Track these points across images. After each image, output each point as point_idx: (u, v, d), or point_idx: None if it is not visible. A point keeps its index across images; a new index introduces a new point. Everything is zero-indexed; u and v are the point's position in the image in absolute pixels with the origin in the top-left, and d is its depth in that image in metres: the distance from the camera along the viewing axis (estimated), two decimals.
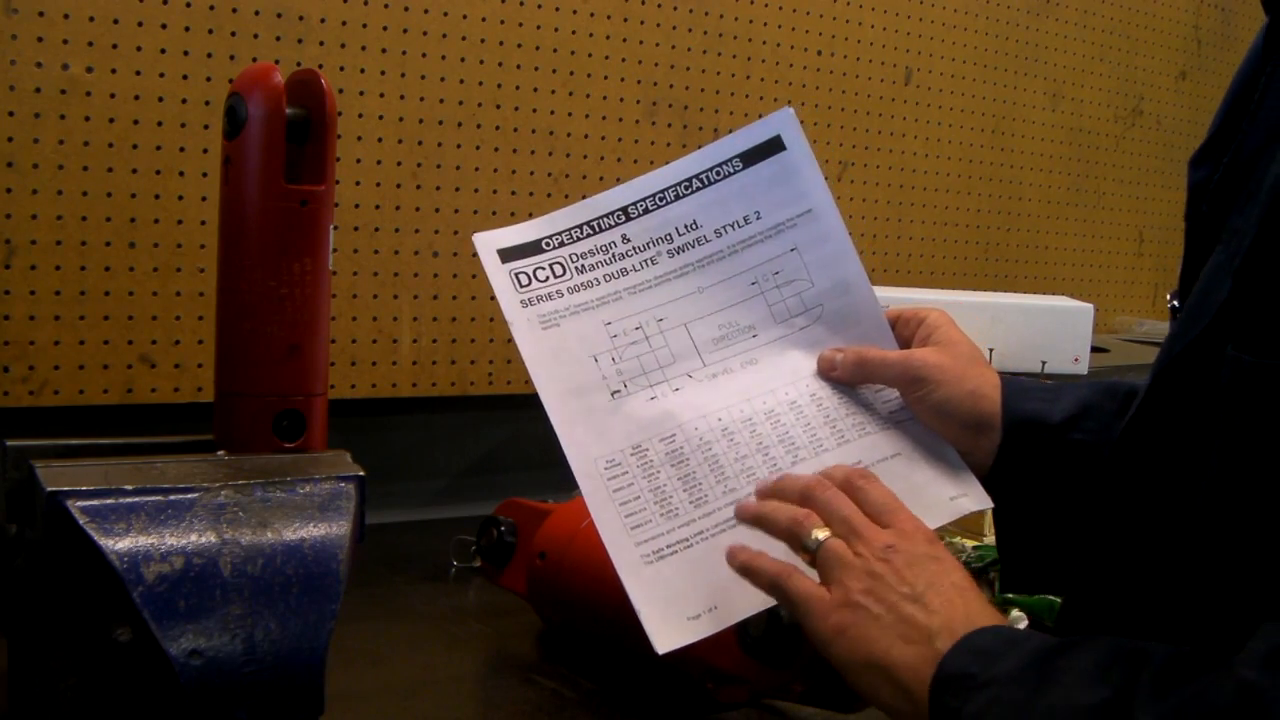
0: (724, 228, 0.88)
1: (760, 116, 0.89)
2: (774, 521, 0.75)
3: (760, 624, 0.84)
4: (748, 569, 0.75)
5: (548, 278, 0.86)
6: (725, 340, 0.87)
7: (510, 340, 0.83)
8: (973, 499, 0.84)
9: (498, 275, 0.85)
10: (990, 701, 0.62)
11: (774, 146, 0.89)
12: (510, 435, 1.54)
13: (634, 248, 0.87)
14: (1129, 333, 2.06)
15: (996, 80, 1.94)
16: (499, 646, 1.07)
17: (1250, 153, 0.69)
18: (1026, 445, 0.85)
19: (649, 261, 0.87)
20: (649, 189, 0.88)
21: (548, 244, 0.86)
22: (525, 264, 0.85)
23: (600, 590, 0.96)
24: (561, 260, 0.86)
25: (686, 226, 0.88)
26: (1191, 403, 0.67)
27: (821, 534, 0.72)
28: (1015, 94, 1.97)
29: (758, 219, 0.88)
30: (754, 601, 0.76)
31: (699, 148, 0.89)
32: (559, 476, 0.85)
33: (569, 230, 0.87)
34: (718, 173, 0.89)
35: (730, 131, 0.91)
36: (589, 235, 0.87)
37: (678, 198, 0.88)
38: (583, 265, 0.86)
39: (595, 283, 0.86)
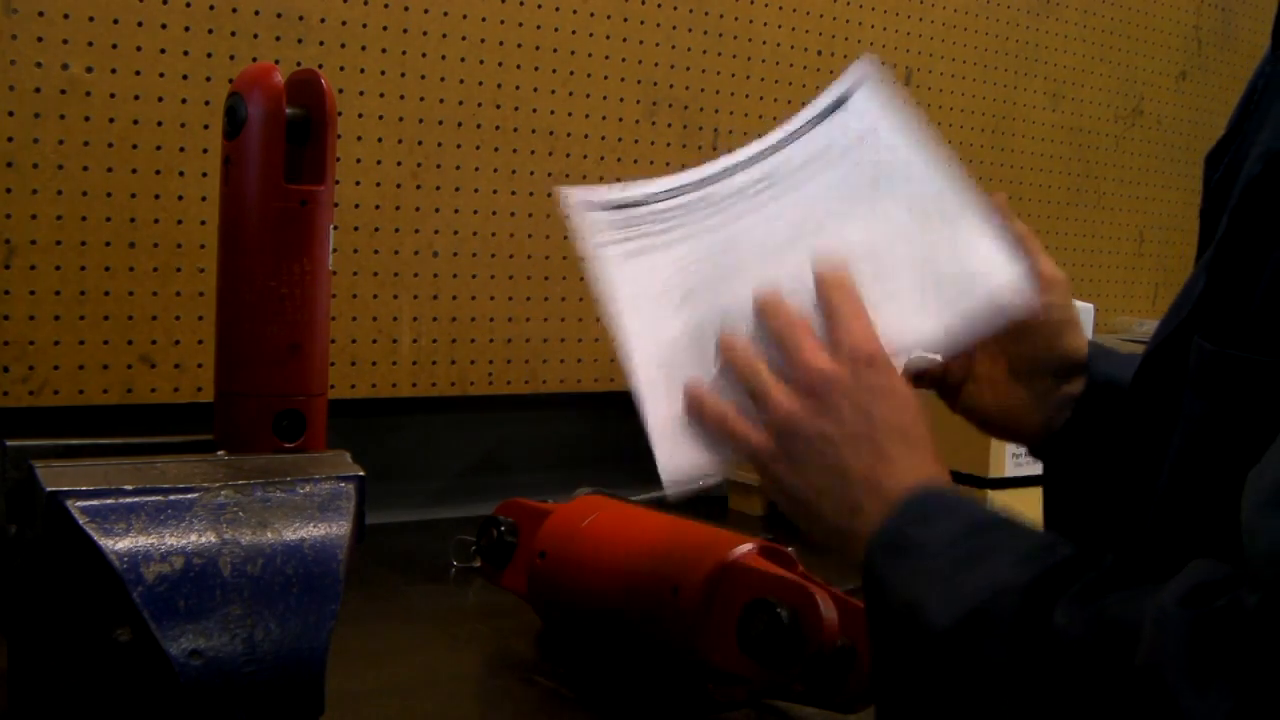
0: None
1: (760, 117, 0.90)
2: (731, 373, 0.75)
3: (761, 624, 0.84)
4: (694, 410, 0.75)
5: (639, 225, 0.85)
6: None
7: (510, 340, 0.83)
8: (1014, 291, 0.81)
9: (585, 220, 0.84)
10: (914, 570, 0.65)
11: (840, 102, 0.92)
12: (510, 435, 1.54)
13: (726, 195, 0.86)
14: (1129, 333, 2.06)
15: (996, 80, 1.94)
16: (499, 646, 1.07)
17: (1245, 155, 0.70)
18: (1103, 409, 0.84)
19: (738, 199, 0.86)
20: (742, 156, 0.88)
21: (643, 200, 0.86)
22: (615, 215, 0.85)
23: (600, 590, 0.96)
24: (654, 213, 0.85)
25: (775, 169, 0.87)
26: (1167, 391, 0.68)
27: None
28: (1015, 94, 1.97)
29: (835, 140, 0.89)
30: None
31: (699, 148, 0.89)
32: (559, 477, 0.85)
33: (664, 191, 0.86)
34: (800, 131, 0.90)
35: (730, 132, 0.91)
36: (681, 195, 0.86)
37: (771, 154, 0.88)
38: (674, 215, 0.85)
39: (684, 224, 0.85)
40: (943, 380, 0.89)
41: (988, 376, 0.88)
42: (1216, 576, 0.55)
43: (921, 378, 0.88)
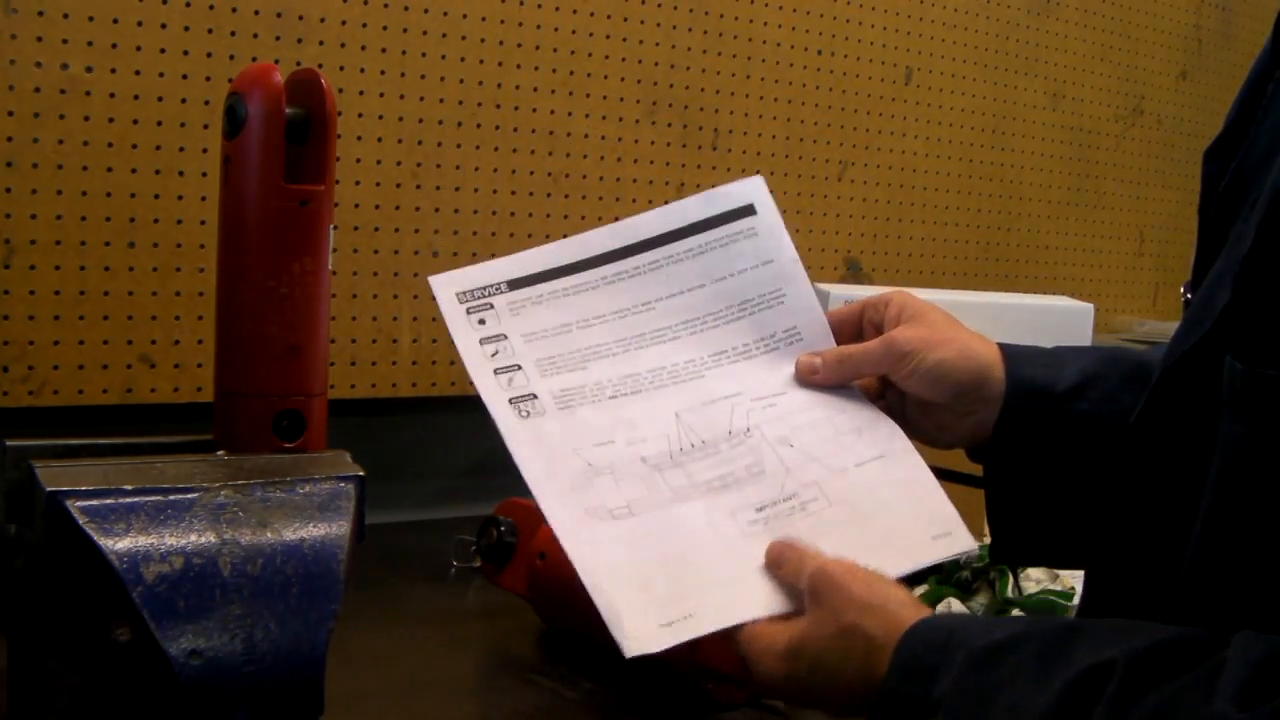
0: (688, 267, 0.91)
1: (760, 117, 0.90)
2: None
3: None
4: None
5: (501, 314, 0.87)
6: (693, 361, 0.88)
7: None
8: (958, 538, 0.83)
9: (454, 314, 0.86)
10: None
11: (746, 211, 0.93)
12: None
13: (599, 280, 0.89)
14: (1129, 333, 2.06)
15: (996, 80, 1.94)
16: (499, 647, 1.07)
17: (1256, 159, 0.69)
18: (1028, 414, 0.84)
19: (614, 292, 0.89)
20: (618, 240, 0.91)
21: (508, 286, 0.87)
22: (480, 304, 0.86)
23: None
24: (526, 298, 0.87)
25: (651, 265, 0.91)
26: (1191, 409, 0.67)
27: None
28: (1015, 94, 1.97)
29: (723, 262, 0.92)
30: (731, 612, 0.76)
31: (699, 148, 0.90)
32: None
33: (532, 275, 0.88)
34: (685, 230, 0.92)
35: (730, 132, 0.92)
36: (552, 279, 0.88)
37: (645, 248, 0.91)
38: (540, 300, 0.87)
39: (558, 309, 0.87)
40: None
41: (900, 405, 0.91)
42: (1265, 655, 0.54)
43: None
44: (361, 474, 0.77)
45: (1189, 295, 0.75)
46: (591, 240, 0.90)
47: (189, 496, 0.71)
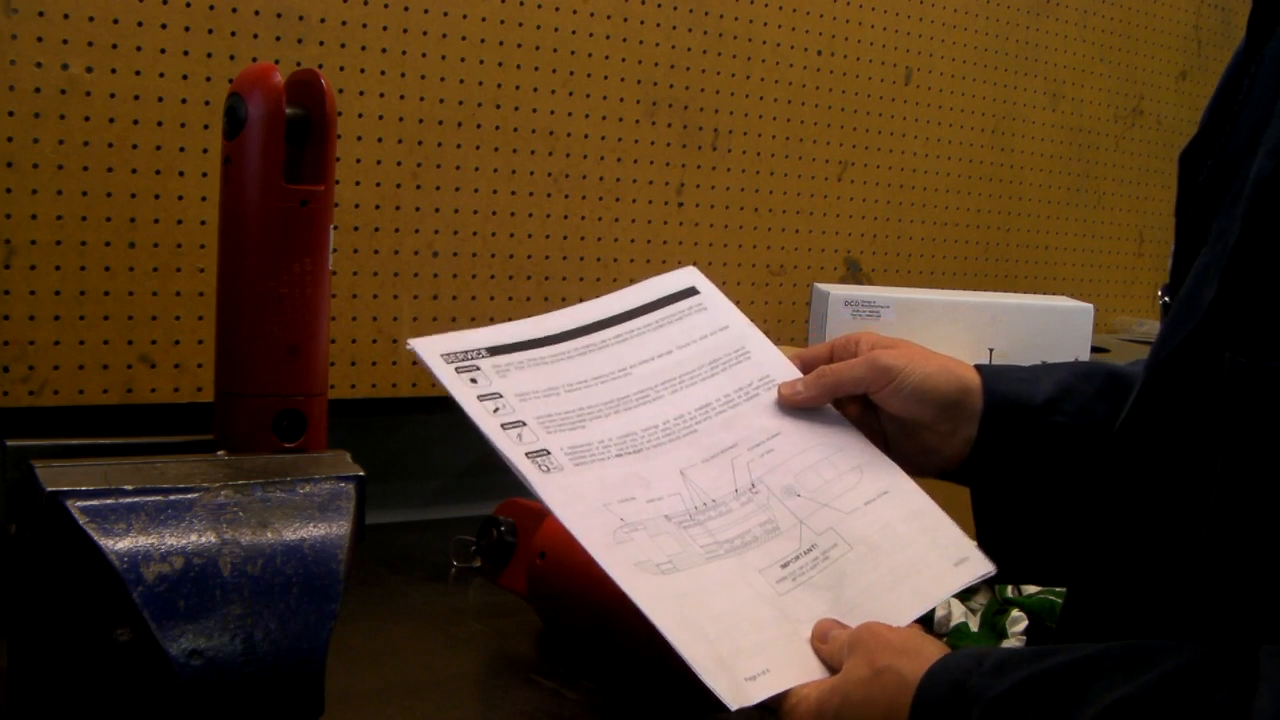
0: (652, 339, 0.93)
1: (760, 117, 0.90)
2: None
3: None
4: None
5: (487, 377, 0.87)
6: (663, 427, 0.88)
7: None
8: (976, 562, 0.84)
9: (445, 373, 0.85)
10: None
11: (689, 292, 0.97)
12: None
13: (571, 351, 0.90)
14: (1129, 333, 2.06)
15: (996, 80, 1.94)
16: (499, 647, 1.07)
17: (1233, 153, 0.69)
18: (1007, 428, 0.85)
19: (591, 361, 0.90)
20: (580, 320, 0.92)
21: (488, 352, 0.87)
22: (467, 365, 0.86)
23: (601, 590, 0.96)
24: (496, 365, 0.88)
25: (617, 338, 0.92)
26: (1184, 404, 0.66)
27: None
28: (1015, 94, 1.97)
29: (683, 332, 0.94)
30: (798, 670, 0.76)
31: (699, 148, 0.90)
32: None
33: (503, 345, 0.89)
34: (638, 310, 0.94)
35: (730, 132, 0.92)
36: (529, 349, 0.89)
37: (607, 325, 0.92)
38: (523, 366, 0.88)
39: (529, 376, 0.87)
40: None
41: (881, 428, 0.91)
42: None
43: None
44: (361, 474, 0.78)
45: (1167, 298, 0.74)
46: (554, 319, 0.91)
47: (189, 496, 0.71)
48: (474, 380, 0.85)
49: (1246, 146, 0.67)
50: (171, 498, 0.70)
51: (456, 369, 0.85)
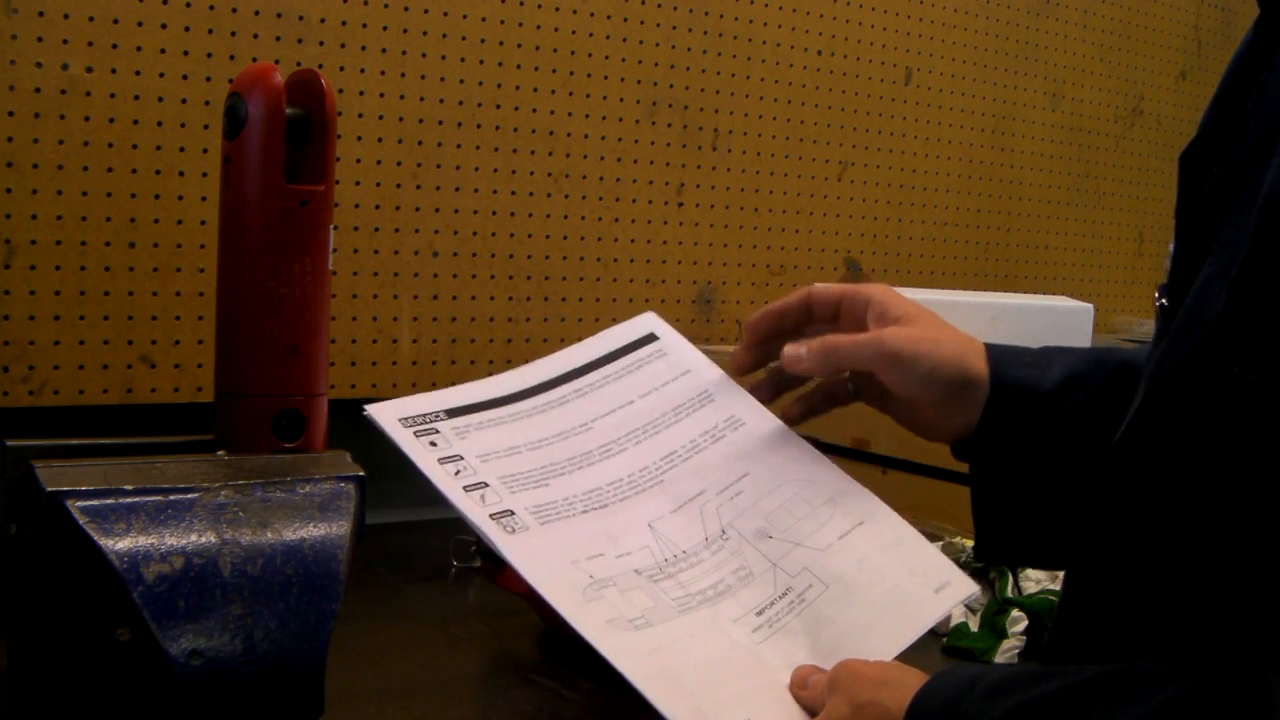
0: (612, 390, 0.91)
1: (760, 117, 0.90)
2: None
3: None
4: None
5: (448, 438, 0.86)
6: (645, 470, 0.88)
7: (510, 340, 0.83)
8: (958, 585, 0.84)
9: (403, 437, 0.84)
10: None
11: (648, 339, 0.95)
12: None
13: (532, 409, 0.89)
14: (1129, 333, 2.06)
15: (996, 80, 1.94)
16: (499, 647, 1.07)
17: (1244, 160, 0.67)
18: (1013, 412, 0.84)
19: (551, 419, 0.89)
20: (536, 378, 0.90)
21: (447, 414, 0.87)
22: (425, 428, 0.86)
23: None
24: (458, 427, 0.87)
25: (576, 392, 0.91)
26: (1189, 417, 0.65)
27: None
28: (1015, 94, 1.97)
29: (644, 381, 0.92)
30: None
31: (699, 148, 0.90)
32: None
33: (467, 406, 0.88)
34: (596, 363, 0.92)
35: (730, 132, 0.91)
36: (488, 409, 0.88)
37: (565, 380, 0.91)
38: (483, 427, 0.87)
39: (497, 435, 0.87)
40: (857, 396, 0.91)
41: (884, 398, 0.90)
42: None
43: (834, 399, 0.91)
44: (361, 474, 0.78)
45: (1164, 300, 0.73)
46: (512, 378, 0.90)
47: (189, 496, 0.71)
48: (434, 444, 0.84)
49: (1256, 157, 0.65)
50: (171, 498, 0.70)
51: (415, 433, 0.85)
